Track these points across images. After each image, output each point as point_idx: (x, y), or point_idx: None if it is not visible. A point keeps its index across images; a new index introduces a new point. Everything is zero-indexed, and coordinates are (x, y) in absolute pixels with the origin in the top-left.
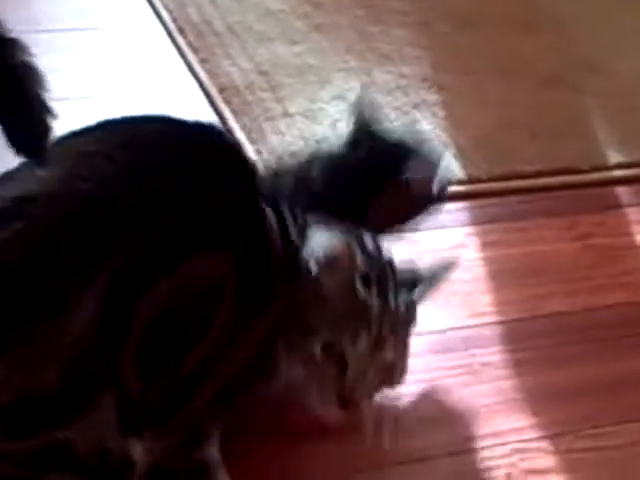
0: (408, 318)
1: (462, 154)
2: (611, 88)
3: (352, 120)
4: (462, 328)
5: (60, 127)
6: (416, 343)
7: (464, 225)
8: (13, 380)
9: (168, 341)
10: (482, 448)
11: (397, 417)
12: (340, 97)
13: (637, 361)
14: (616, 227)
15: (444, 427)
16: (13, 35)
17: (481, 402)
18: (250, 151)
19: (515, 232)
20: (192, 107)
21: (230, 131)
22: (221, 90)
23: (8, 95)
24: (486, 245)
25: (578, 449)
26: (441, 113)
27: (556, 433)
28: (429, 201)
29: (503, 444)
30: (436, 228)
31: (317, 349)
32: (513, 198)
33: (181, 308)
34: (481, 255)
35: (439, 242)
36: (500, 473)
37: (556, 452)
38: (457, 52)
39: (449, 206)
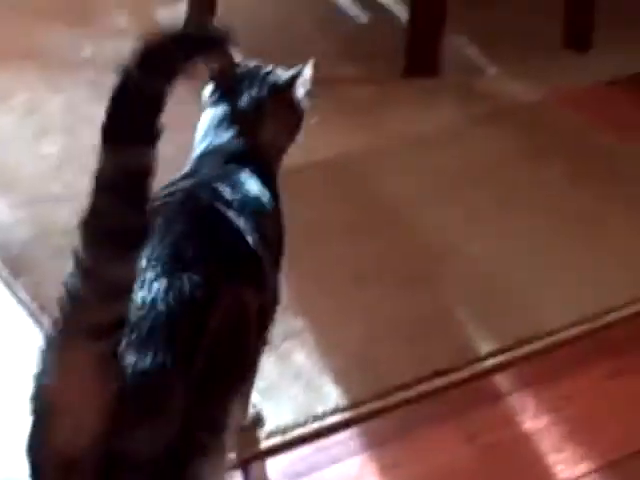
0: None
1: (338, 379)
2: (471, 272)
3: None
4: None
5: None
6: None
7: (357, 454)
8: None
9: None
10: None
11: None
12: None
13: None
14: (503, 419)
15: None
16: None
17: None
18: None
19: (407, 449)
20: None
21: None
22: None
23: None
24: (383, 471)
25: None
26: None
27: None
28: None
29: None
30: (331, 463)
31: None
32: (398, 412)
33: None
34: None
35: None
36: None
37: None
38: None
39: (339, 437)
